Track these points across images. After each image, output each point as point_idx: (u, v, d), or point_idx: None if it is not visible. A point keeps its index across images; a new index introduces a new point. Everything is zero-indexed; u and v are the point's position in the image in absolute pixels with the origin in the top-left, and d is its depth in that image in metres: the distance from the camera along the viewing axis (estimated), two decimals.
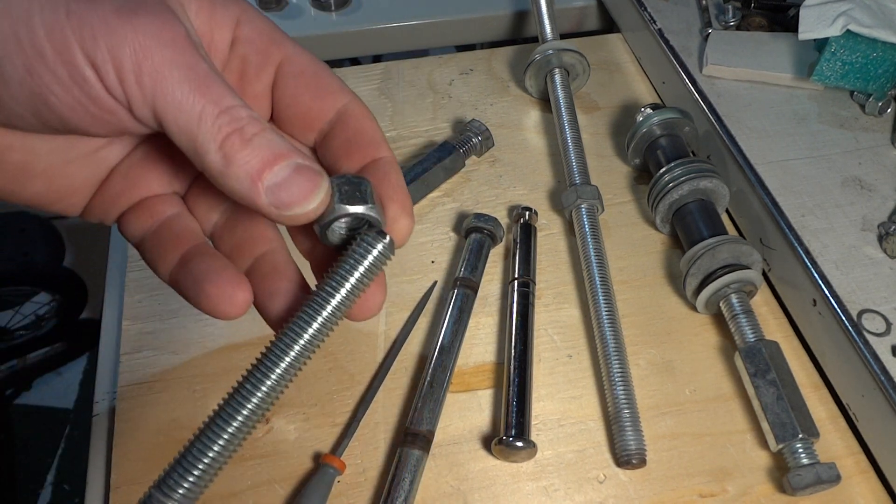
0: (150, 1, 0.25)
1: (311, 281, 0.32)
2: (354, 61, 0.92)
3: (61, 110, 0.25)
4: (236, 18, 0.30)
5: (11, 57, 0.24)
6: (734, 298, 0.48)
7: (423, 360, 0.49)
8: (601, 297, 0.49)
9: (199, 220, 0.33)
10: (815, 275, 0.47)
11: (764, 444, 0.45)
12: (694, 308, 0.51)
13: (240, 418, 0.27)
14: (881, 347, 0.43)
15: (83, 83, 0.24)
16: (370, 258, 0.28)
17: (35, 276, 1.44)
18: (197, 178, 0.33)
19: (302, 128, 0.32)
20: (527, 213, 0.54)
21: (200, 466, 0.26)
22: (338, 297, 0.28)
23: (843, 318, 0.45)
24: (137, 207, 0.32)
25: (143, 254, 0.32)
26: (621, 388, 0.45)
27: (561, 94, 0.62)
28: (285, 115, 0.32)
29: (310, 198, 0.26)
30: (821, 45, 0.57)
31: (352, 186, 0.28)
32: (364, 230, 0.29)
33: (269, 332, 0.30)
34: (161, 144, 0.31)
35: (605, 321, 0.48)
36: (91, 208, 0.32)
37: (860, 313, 0.45)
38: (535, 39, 0.67)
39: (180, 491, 0.26)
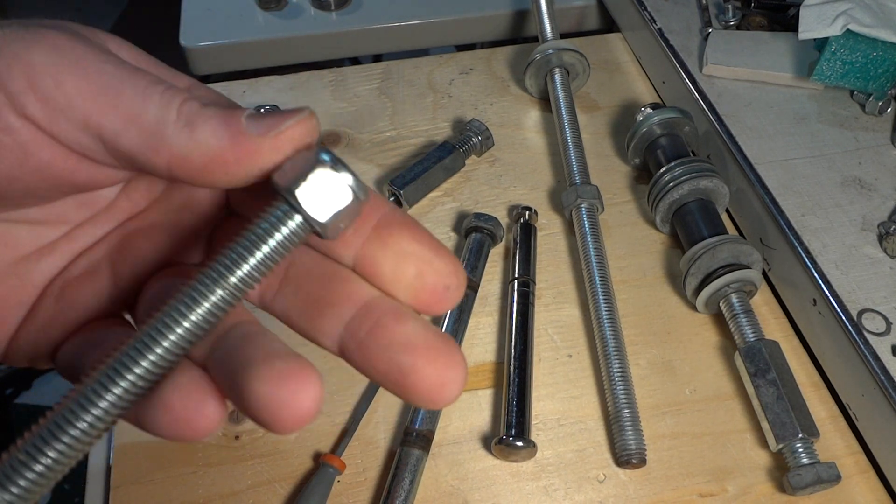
0: (46, 23, 0.21)
1: None
2: (354, 61, 0.92)
3: None
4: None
5: None
6: (734, 298, 0.48)
7: None
8: (601, 297, 0.49)
9: None
10: (815, 274, 0.47)
11: (764, 443, 0.45)
12: (694, 308, 0.51)
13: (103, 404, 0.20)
14: (881, 347, 0.43)
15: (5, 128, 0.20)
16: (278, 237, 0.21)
17: None
18: (147, 285, 0.25)
19: None
20: (527, 212, 0.54)
21: (43, 461, 0.20)
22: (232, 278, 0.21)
23: (843, 318, 0.45)
24: (76, 336, 0.24)
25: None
26: (621, 387, 0.45)
27: (561, 93, 0.62)
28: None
29: (297, 113, 0.21)
30: (821, 44, 0.57)
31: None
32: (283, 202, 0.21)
33: (272, 326, 0.25)
34: (102, 256, 0.25)
35: (605, 321, 0.48)
36: (15, 344, 0.25)
37: (860, 313, 0.45)
38: (535, 39, 0.67)
39: (13, 489, 0.20)
